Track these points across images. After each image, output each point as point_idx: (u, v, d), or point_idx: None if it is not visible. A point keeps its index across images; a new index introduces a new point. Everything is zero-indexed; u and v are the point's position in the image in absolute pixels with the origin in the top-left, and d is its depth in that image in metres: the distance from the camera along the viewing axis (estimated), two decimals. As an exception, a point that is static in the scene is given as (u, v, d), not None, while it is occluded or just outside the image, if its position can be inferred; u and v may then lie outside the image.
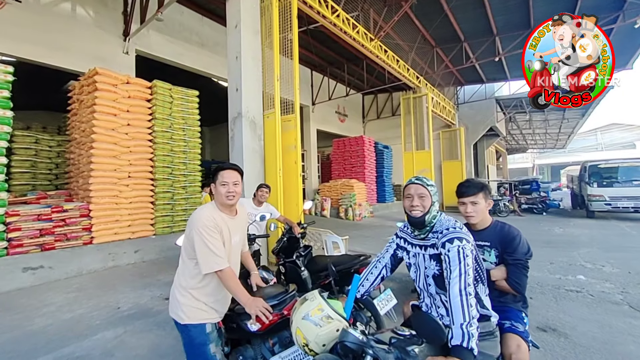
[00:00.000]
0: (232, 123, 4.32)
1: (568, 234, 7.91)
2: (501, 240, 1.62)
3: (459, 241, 1.26)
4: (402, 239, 1.58)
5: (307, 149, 13.63)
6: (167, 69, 8.72)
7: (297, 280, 3.04)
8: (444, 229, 1.34)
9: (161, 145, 5.56)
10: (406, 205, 1.43)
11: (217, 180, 1.64)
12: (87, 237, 4.58)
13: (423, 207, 1.37)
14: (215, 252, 1.52)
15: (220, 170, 1.66)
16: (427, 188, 1.40)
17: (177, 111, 5.82)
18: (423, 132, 10.48)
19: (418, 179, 1.44)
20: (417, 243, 1.46)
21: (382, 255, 1.64)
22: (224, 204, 1.65)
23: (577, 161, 37.72)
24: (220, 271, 1.53)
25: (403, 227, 1.61)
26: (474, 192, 1.64)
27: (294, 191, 4.37)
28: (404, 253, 1.55)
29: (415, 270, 1.47)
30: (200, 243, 1.52)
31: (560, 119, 18.78)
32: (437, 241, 1.33)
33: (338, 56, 12.03)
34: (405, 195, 1.45)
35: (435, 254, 1.34)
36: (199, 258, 1.53)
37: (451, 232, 1.30)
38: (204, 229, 1.53)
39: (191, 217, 1.60)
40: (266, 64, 4.66)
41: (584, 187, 11.02)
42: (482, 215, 1.67)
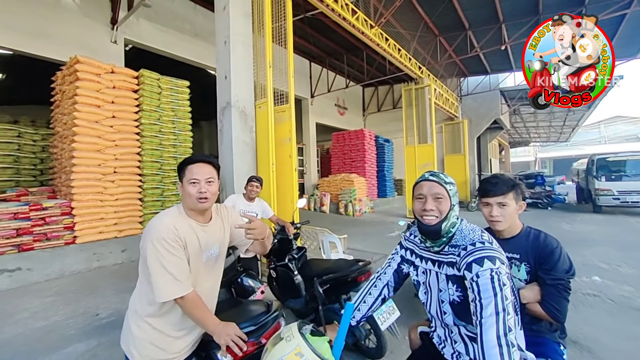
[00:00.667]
0: (221, 114, 4.00)
1: (577, 230, 7.61)
2: (535, 253, 1.29)
3: (490, 262, 0.93)
4: (409, 251, 1.27)
5: (306, 143, 13.31)
6: (162, 61, 8.35)
7: (290, 286, 2.76)
8: (467, 243, 1.02)
9: (149, 138, 5.26)
10: (416, 209, 1.11)
11: (185, 178, 1.29)
12: (69, 236, 4.30)
13: (439, 212, 1.06)
14: (174, 275, 1.19)
15: (188, 164, 1.30)
16: (444, 187, 1.08)
17: (166, 102, 5.50)
18: (425, 125, 10.12)
19: (434, 175, 1.11)
20: (430, 257, 1.15)
21: (383, 270, 1.34)
22: (194, 209, 1.30)
23: (580, 154, 37.25)
24: (181, 298, 1.21)
25: (409, 235, 1.30)
26: (503, 191, 1.31)
27: (288, 187, 4.07)
28: (411, 268, 1.25)
29: (426, 292, 1.16)
30: (155, 262, 1.18)
31: (566, 112, 18.33)
32: (459, 260, 1.02)
33: (337, 46, 11.63)
34: (416, 195, 1.12)
35: (456, 275, 1.04)
36: (152, 281, 1.19)
37: (479, 250, 0.97)
38: (160, 242, 1.19)
39: (147, 226, 1.26)
40: (258, 51, 4.33)
41: (591, 181, 10.68)
42: (511, 220, 1.34)
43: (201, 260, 1.33)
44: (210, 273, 1.40)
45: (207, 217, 1.38)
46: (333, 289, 2.28)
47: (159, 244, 1.19)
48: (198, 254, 1.31)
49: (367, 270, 2.23)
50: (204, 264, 1.35)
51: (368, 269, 2.24)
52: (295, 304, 2.71)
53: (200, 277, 1.34)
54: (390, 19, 8.04)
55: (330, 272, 2.31)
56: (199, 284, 1.33)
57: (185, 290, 1.21)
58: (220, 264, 1.47)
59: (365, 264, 2.30)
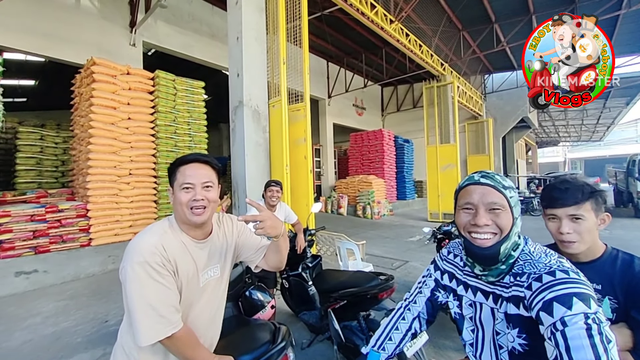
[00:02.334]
0: (233, 113, 3.85)
1: (617, 237, 6.96)
2: (627, 285, 0.97)
3: (584, 304, 0.61)
4: (447, 274, 0.97)
5: (323, 144, 13.10)
6: (183, 64, 8.45)
7: (304, 297, 2.55)
8: (542, 271, 0.71)
9: (164, 140, 5.21)
10: (462, 223, 0.82)
11: (176, 182, 1.06)
12: (84, 238, 4.29)
13: (498, 229, 0.77)
14: (158, 310, 0.95)
15: (180, 165, 1.07)
16: (503, 193, 0.78)
17: (181, 104, 5.45)
18: (448, 124, 9.66)
19: (487, 177, 0.81)
20: (480, 287, 0.87)
21: (413, 298, 1.04)
22: (188, 222, 1.06)
23: (614, 155, 35.04)
24: (167, 339, 0.97)
25: (447, 254, 1.01)
26: (577, 200, 1.00)
27: (303, 190, 3.87)
28: (450, 296, 0.95)
29: (474, 330, 0.88)
30: (134, 293, 0.95)
31: (600, 109, 17.19)
32: (530, 294, 0.71)
33: (355, 45, 11.37)
34: (462, 205, 0.83)
35: (521, 316, 0.74)
36: (131, 318, 0.97)
37: (563, 282, 0.66)
38: (143, 267, 0.95)
39: (128, 246, 1.02)
40: (272, 49, 4.16)
41: (632, 183, 9.86)
42: (590, 239, 1.02)
43: (198, 285, 1.11)
44: (210, 299, 1.16)
45: (205, 231, 1.15)
46: (350, 305, 2.04)
47: (141, 269, 0.95)
48: (194, 278, 1.09)
49: (389, 286, 1.97)
50: (201, 289, 1.12)
51: (391, 285, 1.98)
52: (309, 318, 2.49)
53: (196, 305, 1.12)
54: (410, 13, 7.70)
55: (347, 286, 2.07)
56: (195, 313, 1.12)
57: (172, 329, 0.97)
58: (223, 287, 1.24)
59: (387, 278, 2.03)
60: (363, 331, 1.99)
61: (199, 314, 1.12)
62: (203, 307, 1.14)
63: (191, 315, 1.10)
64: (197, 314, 1.12)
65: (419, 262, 5.06)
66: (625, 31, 9.16)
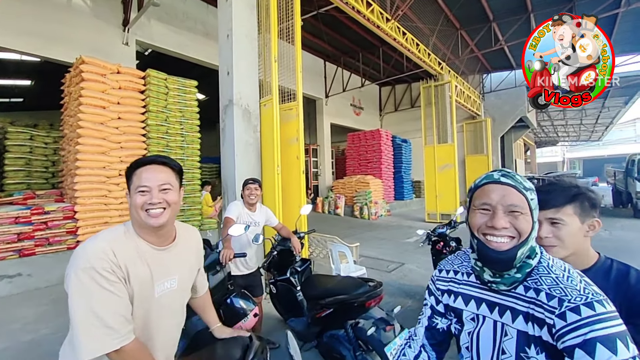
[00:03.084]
0: (223, 112, 3.75)
1: (618, 238, 6.88)
2: (619, 298, 0.86)
3: (626, 348, 0.57)
4: (445, 293, 0.87)
5: (321, 144, 13.01)
6: (179, 64, 8.34)
7: (292, 303, 2.45)
8: (577, 300, 0.63)
9: (155, 140, 5.10)
10: (477, 224, 0.74)
11: (132, 186, 1.00)
12: (72, 241, 4.19)
13: (517, 233, 0.70)
14: (104, 319, 0.87)
15: (137, 168, 1.01)
16: (524, 194, 0.71)
17: (173, 103, 5.34)
18: (446, 124, 9.57)
19: (507, 176, 0.73)
20: (485, 297, 0.78)
21: (414, 331, 0.95)
22: (144, 226, 0.99)
23: (613, 155, 35.01)
24: (115, 352, 0.88)
25: (440, 272, 0.91)
26: (555, 204, 0.94)
27: (295, 191, 3.77)
28: (450, 315, 0.86)
29: (469, 347, 0.78)
30: (78, 301, 0.87)
31: (599, 108, 17.13)
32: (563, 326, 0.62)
33: (352, 44, 11.27)
34: (478, 205, 0.75)
35: (543, 341, 0.66)
36: (73, 329, 0.87)
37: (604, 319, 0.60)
38: (88, 273, 0.87)
39: (75, 251, 0.94)
40: (263, 46, 4.06)
41: (632, 183, 9.78)
42: (574, 245, 0.95)
43: (152, 296, 1.02)
44: (166, 313, 1.07)
45: (166, 237, 1.07)
46: (337, 313, 1.94)
47: (86, 276, 0.87)
48: (148, 287, 1.00)
49: (377, 294, 1.88)
50: (156, 300, 1.03)
51: (379, 293, 1.89)
52: (297, 325, 2.40)
53: (150, 318, 1.02)
54: (407, 12, 7.61)
55: (334, 293, 1.98)
56: (149, 326, 1.02)
57: (121, 341, 0.89)
58: (182, 301, 1.16)
59: (375, 285, 1.94)
60: (350, 340, 1.90)
61: (153, 328, 1.03)
62: (158, 321, 1.04)
63: (144, 329, 1.00)
64: (151, 328, 1.03)
65: (414, 264, 4.97)
66: (624, 30, 9.08)
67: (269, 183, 3.69)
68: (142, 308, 0.99)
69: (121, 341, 0.89)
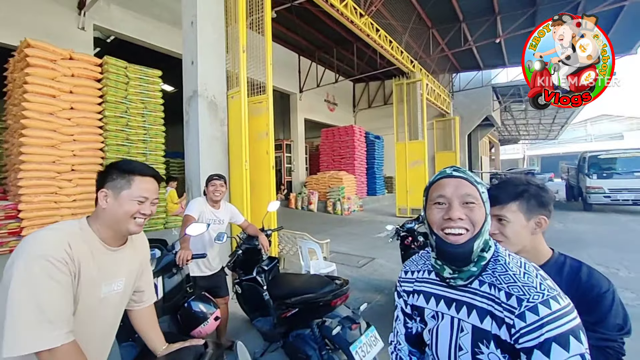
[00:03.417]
0: (187, 104, 3.55)
1: (570, 229, 7.41)
2: (571, 294, 0.85)
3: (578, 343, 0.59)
4: (411, 294, 0.87)
5: (294, 140, 12.88)
6: (147, 54, 7.82)
7: (258, 303, 2.37)
8: (535, 299, 0.64)
9: (114, 132, 4.75)
10: (435, 220, 0.75)
11: (128, 192, 1.01)
12: (14, 243, 3.81)
13: (471, 225, 0.72)
14: (46, 312, 0.81)
15: (136, 175, 1.03)
16: (476, 187, 0.74)
17: (134, 93, 4.99)
18: (417, 121, 9.80)
19: (459, 170, 0.77)
20: (444, 294, 0.79)
21: (395, 338, 0.95)
22: (120, 230, 1.03)
23: (567, 152, 37.85)
24: (49, 352, 0.80)
25: (405, 275, 0.91)
26: (499, 202, 0.97)
27: (264, 188, 3.66)
28: (416, 315, 0.87)
29: (430, 346, 0.79)
30: (21, 290, 0.80)
31: (556, 109, 18.32)
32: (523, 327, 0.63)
33: (326, 39, 11.19)
34: (434, 199, 0.77)
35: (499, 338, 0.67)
36: (6, 321, 0.78)
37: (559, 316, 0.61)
38: (38, 262, 0.83)
39: (23, 240, 0.89)
40: (232, 35, 3.89)
41: (582, 179, 10.56)
42: (519, 242, 0.96)
43: (97, 297, 0.99)
44: (108, 315, 1.06)
45: (122, 240, 1.09)
46: (303, 312, 1.89)
47: (37, 265, 0.82)
48: (94, 286, 0.97)
49: (343, 292, 1.85)
50: (100, 301, 1.00)
51: (345, 291, 1.86)
52: (263, 325, 2.32)
53: (92, 319, 0.98)
54: (380, 8, 7.65)
55: (299, 292, 1.92)
56: (89, 329, 0.97)
57: (61, 340, 0.81)
58: (122, 306, 1.14)
59: (341, 284, 1.91)
60: (316, 340, 1.86)
61: (92, 331, 0.99)
62: (98, 323, 1.01)
63: (83, 331, 0.93)
64: (90, 331, 0.98)
65: (385, 259, 5.05)
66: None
67: (236, 179, 3.55)
68: (85, 308, 0.95)
69: (61, 340, 0.82)
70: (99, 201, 1.01)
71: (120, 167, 1.03)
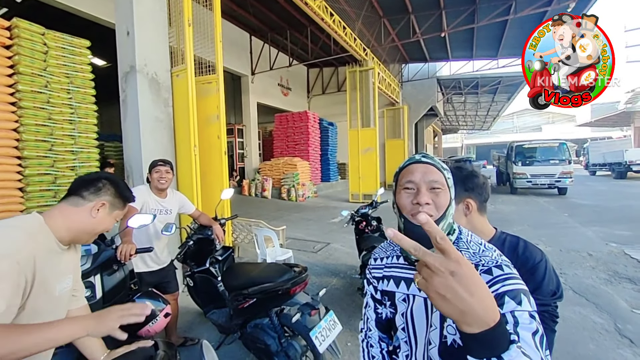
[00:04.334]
0: (123, 80, 3.16)
1: (499, 210, 8.34)
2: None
3: (528, 301, 0.63)
4: (379, 279, 0.89)
5: (247, 124, 12.40)
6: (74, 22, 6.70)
7: (213, 295, 2.26)
8: (490, 264, 0.70)
9: (32, 111, 4.05)
10: (405, 204, 0.78)
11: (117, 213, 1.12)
12: None
13: (437, 208, 0.76)
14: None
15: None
16: (443, 172, 0.78)
17: (56, 65, 4.28)
18: (369, 109, 10.05)
19: (427, 157, 0.81)
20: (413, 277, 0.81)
21: (366, 325, 0.96)
22: (92, 233, 1.06)
23: (497, 142, 42.30)
24: None
25: (375, 261, 0.93)
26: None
27: (216, 174, 3.46)
28: (386, 300, 0.88)
29: (405, 328, 0.81)
30: None
31: (490, 102, 20.18)
32: None
33: (280, 20, 10.79)
34: (403, 184, 0.79)
35: None
36: None
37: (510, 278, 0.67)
38: (5, 261, 0.80)
39: None
40: (175, 7, 3.51)
41: (510, 166, 11.89)
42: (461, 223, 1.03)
43: (53, 294, 0.97)
44: (60, 315, 1.04)
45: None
46: (261, 302, 1.85)
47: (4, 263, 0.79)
48: (49, 284, 0.95)
49: (302, 279, 1.83)
50: (56, 299, 0.99)
51: (304, 278, 1.85)
52: (218, 317, 2.23)
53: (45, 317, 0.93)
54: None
55: (257, 282, 1.86)
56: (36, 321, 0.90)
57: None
58: (69, 304, 1.11)
59: (300, 271, 1.89)
60: (275, 329, 1.84)
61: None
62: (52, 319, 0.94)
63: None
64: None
65: (339, 243, 5.18)
66: (511, 35, 10.68)
67: (185, 165, 3.30)
68: (41, 307, 0.93)
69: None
70: (90, 211, 1.01)
71: (122, 193, 1.09)
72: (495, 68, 13.04)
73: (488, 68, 13.27)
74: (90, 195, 1.01)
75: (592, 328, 2.64)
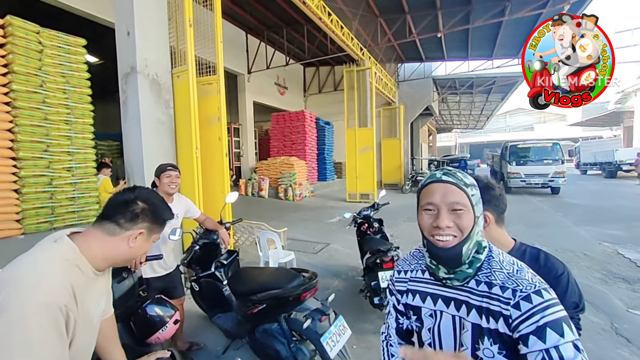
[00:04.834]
0: (123, 81, 3.11)
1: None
2: None
3: (570, 331, 0.62)
4: (403, 293, 0.88)
5: (243, 123, 12.33)
6: (71, 19, 6.57)
7: (218, 299, 2.25)
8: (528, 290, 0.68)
9: (27, 111, 3.99)
10: (425, 225, 0.76)
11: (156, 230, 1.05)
12: None
13: (459, 230, 0.73)
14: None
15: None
16: (465, 191, 0.74)
17: (51, 64, 4.21)
18: (366, 109, 10.08)
19: (448, 174, 0.76)
20: (441, 293, 0.80)
21: (387, 331, 0.95)
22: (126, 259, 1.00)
23: (490, 141, 42.72)
24: None
25: (399, 274, 0.92)
26: None
27: (217, 176, 3.44)
28: (411, 314, 0.87)
29: (431, 343, 0.81)
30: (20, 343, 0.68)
31: (484, 102, 20.37)
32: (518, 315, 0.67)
33: (276, 18, 10.72)
34: (424, 205, 0.77)
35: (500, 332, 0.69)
36: None
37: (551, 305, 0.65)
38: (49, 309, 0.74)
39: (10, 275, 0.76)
40: (176, 7, 3.47)
41: (504, 165, 12.04)
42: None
43: (92, 324, 0.94)
44: (95, 335, 1.00)
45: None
46: (271, 308, 1.85)
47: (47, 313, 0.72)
48: (89, 315, 0.90)
49: (313, 285, 1.84)
50: (94, 328, 0.96)
51: (314, 284, 1.85)
52: (224, 321, 2.22)
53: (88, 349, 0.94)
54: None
55: (267, 288, 1.86)
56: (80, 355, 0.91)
57: None
58: (99, 322, 1.04)
59: (310, 277, 1.89)
60: (285, 334, 1.84)
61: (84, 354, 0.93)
62: (89, 345, 0.96)
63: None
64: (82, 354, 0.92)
65: (339, 243, 5.19)
66: (506, 36, 10.78)
67: (186, 167, 3.27)
68: (84, 339, 0.88)
69: None
70: (128, 240, 0.93)
71: (161, 215, 1.02)
72: (490, 68, 13.15)
73: (483, 68, 13.39)
74: (127, 223, 0.93)
75: (590, 328, 2.70)
